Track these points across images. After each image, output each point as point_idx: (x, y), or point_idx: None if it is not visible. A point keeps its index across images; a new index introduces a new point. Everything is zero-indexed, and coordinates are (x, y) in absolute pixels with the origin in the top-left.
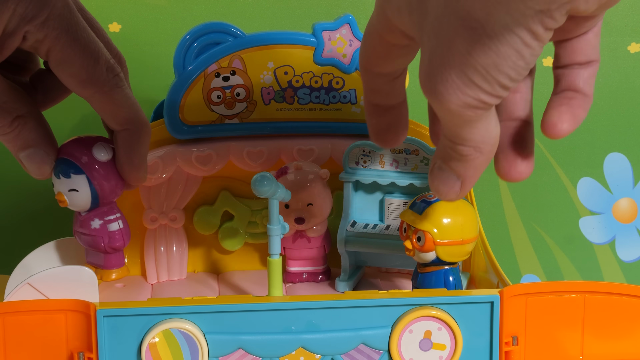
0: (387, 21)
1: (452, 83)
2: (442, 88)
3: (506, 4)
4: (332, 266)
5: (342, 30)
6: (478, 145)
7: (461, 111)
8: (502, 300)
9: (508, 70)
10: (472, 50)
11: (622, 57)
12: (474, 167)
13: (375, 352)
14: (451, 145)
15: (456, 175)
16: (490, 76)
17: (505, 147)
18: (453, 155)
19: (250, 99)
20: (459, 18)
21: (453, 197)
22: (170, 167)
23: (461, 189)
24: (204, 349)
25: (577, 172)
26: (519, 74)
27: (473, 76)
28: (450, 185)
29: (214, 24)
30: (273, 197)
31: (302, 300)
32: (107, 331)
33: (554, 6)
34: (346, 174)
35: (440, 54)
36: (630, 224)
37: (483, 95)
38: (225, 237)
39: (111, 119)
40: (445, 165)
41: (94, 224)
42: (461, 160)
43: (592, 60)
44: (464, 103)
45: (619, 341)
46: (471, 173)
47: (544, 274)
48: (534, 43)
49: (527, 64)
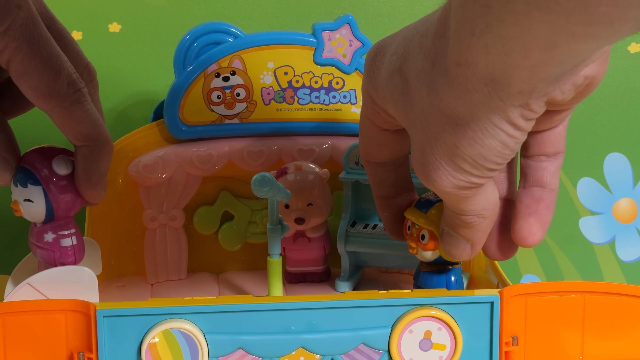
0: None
1: (443, 170)
2: (435, 175)
3: (487, 103)
4: (332, 266)
5: (342, 30)
6: (480, 213)
7: (456, 192)
8: (502, 300)
9: (494, 159)
10: (458, 144)
11: (622, 57)
12: (480, 230)
13: (375, 352)
14: (455, 215)
15: (465, 239)
16: (478, 164)
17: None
18: (459, 224)
19: (250, 99)
20: (444, 115)
21: (466, 258)
22: (170, 167)
23: (472, 250)
24: (204, 349)
25: (577, 172)
26: (506, 159)
27: (462, 165)
28: (462, 249)
29: (214, 24)
30: (273, 197)
31: (302, 300)
32: (107, 331)
33: (532, 99)
34: (346, 174)
35: (430, 146)
36: (630, 224)
37: (474, 178)
38: (225, 237)
39: (71, 135)
40: (453, 232)
41: (47, 237)
42: (467, 227)
43: (559, 152)
44: (457, 186)
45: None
46: (479, 236)
47: (544, 274)
48: (518, 133)
49: (512, 151)
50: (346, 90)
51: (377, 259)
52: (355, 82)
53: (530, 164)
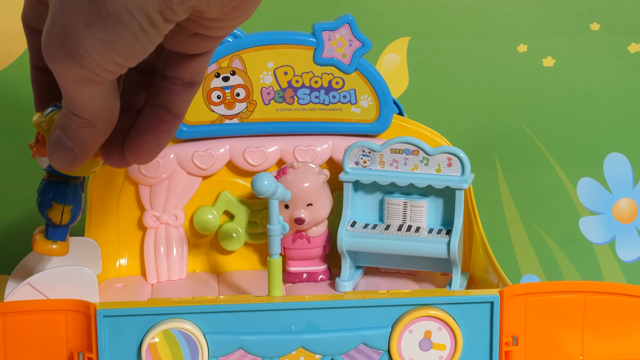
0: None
1: (69, 50)
2: (60, 54)
3: None
4: (332, 266)
5: (342, 30)
6: (94, 119)
7: (77, 80)
8: (502, 300)
9: (123, 51)
10: (91, 24)
11: (622, 57)
12: (90, 139)
13: (375, 352)
14: (69, 115)
15: (73, 145)
16: (106, 52)
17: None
18: (71, 126)
19: (250, 99)
20: None
21: (68, 167)
22: (170, 167)
23: (76, 160)
24: (204, 349)
25: (577, 172)
26: (135, 57)
27: (90, 48)
28: (66, 155)
29: None
30: (273, 197)
31: (302, 300)
32: (107, 331)
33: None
34: (346, 174)
35: (62, 20)
36: (630, 224)
37: (98, 68)
38: (225, 237)
39: None
40: (63, 135)
41: None
42: (78, 132)
43: (195, 82)
44: (79, 75)
45: (619, 341)
46: (87, 145)
47: (544, 274)
48: (152, 30)
49: (143, 48)
50: (346, 90)
51: (377, 259)
52: (355, 82)
53: (164, 85)
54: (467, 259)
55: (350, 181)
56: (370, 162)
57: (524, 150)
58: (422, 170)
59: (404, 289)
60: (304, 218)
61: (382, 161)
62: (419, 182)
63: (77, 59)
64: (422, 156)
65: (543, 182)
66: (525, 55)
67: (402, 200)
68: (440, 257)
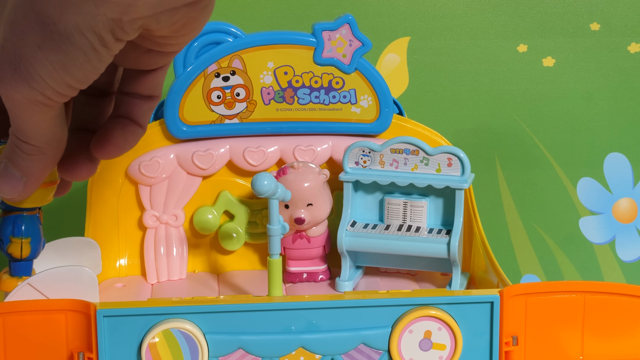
0: None
1: (20, 73)
2: (12, 77)
3: (80, 6)
4: (332, 266)
5: (342, 30)
6: (43, 146)
7: (28, 104)
8: (502, 300)
9: (75, 72)
10: (42, 46)
11: (622, 57)
12: (38, 167)
13: (375, 352)
14: (17, 142)
15: (20, 174)
16: (58, 74)
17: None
18: (19, 154)
19: (250, 99)
20: (34, 12)
21: (16, 195)
22: (170, 167)
23: (24, 188)
24: (204, 349)
25: (577, 172)
26: (86, 77)
27: (41, 70)
28: (14, 185)
29: (214, 24)
30: (273, 197)
31: (302, 300)
32: (107, 331)
33: (125, 18)
34: (346, 174)
35: (13, 44)
36: (630, 224)
37: (49, 91)
38: (225, 237)
39: None
40: (10, 165)
41: None
42: (26, 159)
43: (154, 96)
44: (30, 98)
45: (619, 341)
46: (36, 173)
47: (544, 274)
48: (102, 50)
49: (94, 68)
50: (346, 90)
51: (377, 259)
52: (355, 82)
53: (124, 99)
54: (467, 259)
55: (350, 181)
56: (370, 162)
57: (524, 150)
58: (422, 170)
59: (404, 289)
60: (304, 218)
61: (382, 161)
62: (419, 182)
63: (29, 82)
64: (422, 156)
65: (543, 182)
66: (525, 55)
67: (402, 200)
68: (440, 257)
